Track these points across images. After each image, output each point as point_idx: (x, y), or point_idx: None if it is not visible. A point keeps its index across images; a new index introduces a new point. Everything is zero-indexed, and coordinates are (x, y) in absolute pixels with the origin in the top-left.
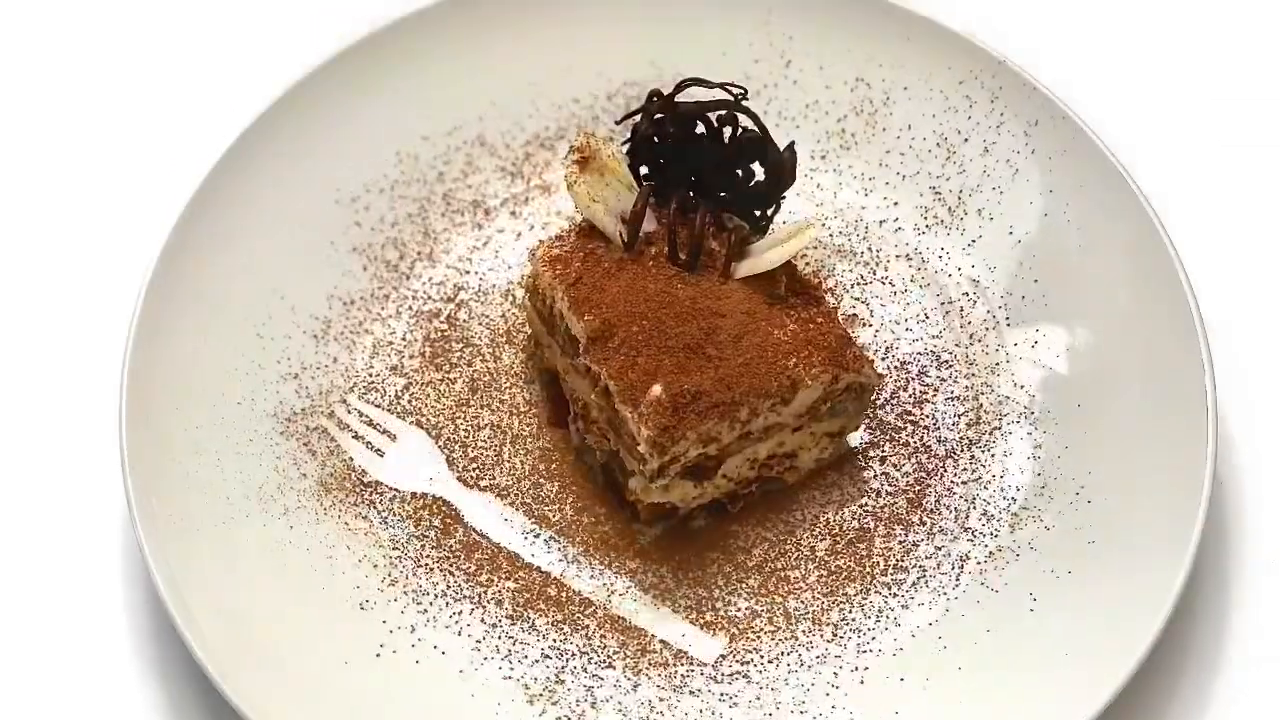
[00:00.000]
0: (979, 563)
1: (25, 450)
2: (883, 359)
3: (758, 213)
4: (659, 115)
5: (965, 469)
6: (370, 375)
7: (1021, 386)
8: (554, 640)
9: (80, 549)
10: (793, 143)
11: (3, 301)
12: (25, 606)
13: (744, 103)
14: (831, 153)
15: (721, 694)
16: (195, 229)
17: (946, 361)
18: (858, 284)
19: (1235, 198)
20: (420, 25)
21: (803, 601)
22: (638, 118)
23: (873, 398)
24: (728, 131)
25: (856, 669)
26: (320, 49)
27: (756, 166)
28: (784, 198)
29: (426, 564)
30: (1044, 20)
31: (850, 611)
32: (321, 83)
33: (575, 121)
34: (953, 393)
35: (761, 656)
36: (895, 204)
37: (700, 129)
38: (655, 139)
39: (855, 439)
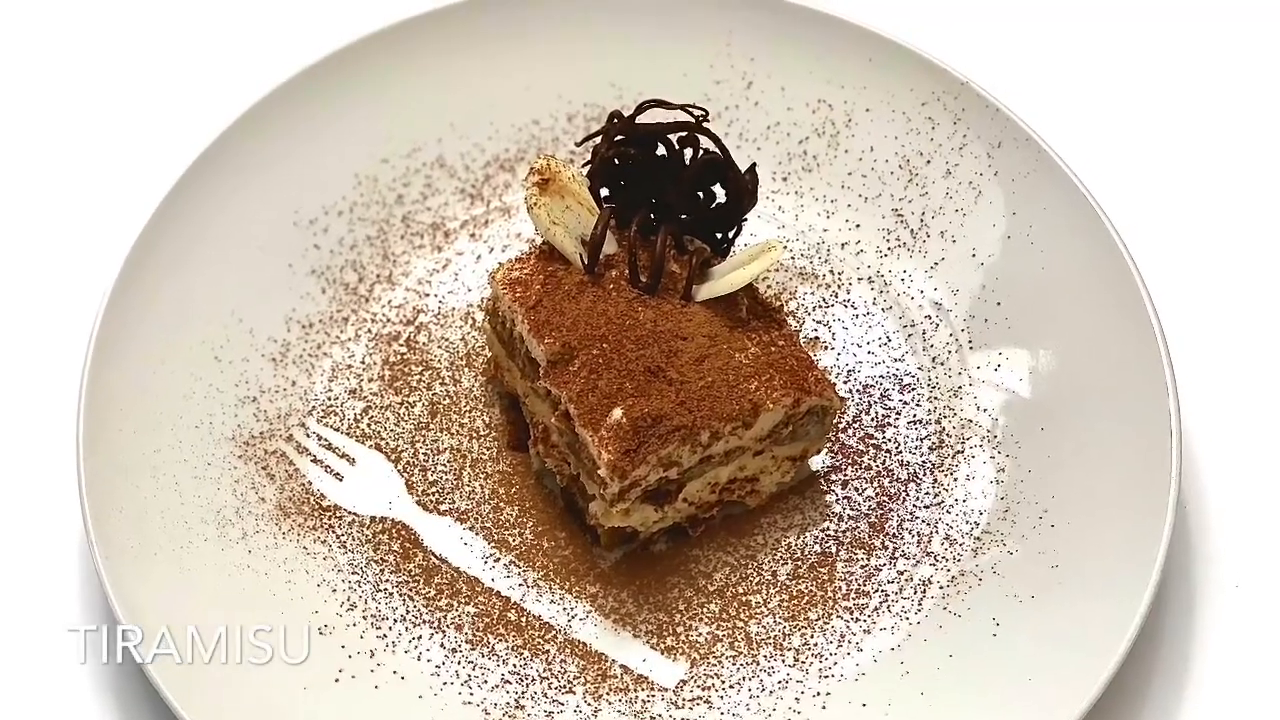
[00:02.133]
0: (941, 587)
1: None
2: (845, 382)
3: (719, 235)
4: (619, 137)
5: (928, 493)
6: (329, 398)
7: (984, 410)
8: (514, 665)
9: (36, 573)
10: (754, 164)
11: None
12: None
13: (705, 124)
14: (793, 174)
15: (683, 719)
16: (153, 251)
17: (909, 385)
18: (820, 307)
19: (1199, 220)
20: (379, 47)
21: (764, 626)
22: (598, 139)
23: (835, 421)
24: (689, 153)
25: (818, 694)
26: (278, 71)
27: (718, 188)
28: (745, 220)
29: (386, 588)
30: (1006, 42)
31: (812, 636)
32: (279, 105)
33: (535, 143)
34: (915, 416)
35: (723, 681)
36: (857, 226)
37: (661, 151)
38: (616, 161)
39: (817, 463)
